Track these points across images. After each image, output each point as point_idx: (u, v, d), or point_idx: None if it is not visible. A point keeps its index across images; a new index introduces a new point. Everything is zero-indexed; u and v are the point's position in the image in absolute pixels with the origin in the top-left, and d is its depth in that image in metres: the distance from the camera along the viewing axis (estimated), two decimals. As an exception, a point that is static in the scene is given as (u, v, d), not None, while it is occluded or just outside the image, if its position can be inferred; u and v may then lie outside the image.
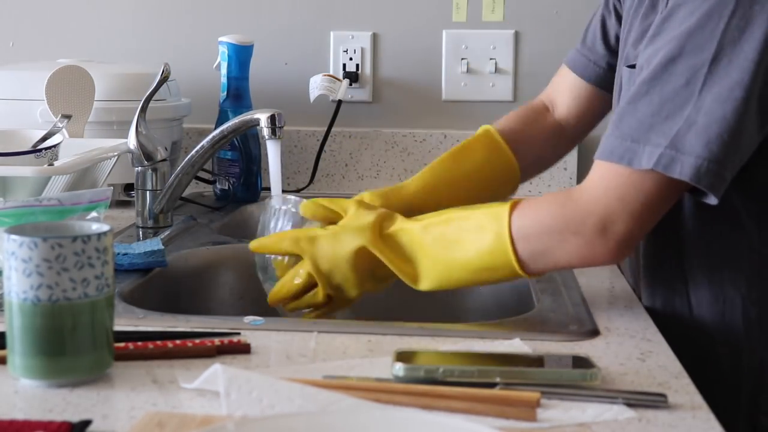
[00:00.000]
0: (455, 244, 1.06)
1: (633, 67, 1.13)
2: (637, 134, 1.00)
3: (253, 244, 1.15)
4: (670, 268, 1.14)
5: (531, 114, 1.39)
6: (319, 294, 1.12)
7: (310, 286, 1.12)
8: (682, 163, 0.97)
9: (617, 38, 1.30)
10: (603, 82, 1.34)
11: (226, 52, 1.78)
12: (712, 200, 1.00)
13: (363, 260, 1.09)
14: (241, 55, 1.79)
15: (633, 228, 1.01)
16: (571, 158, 1.90)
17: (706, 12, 0.99)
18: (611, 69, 1.30)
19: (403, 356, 0.87)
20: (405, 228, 1.09)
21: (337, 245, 1.09)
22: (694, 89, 0.99)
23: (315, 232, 1.11)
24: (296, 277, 1.12)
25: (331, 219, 1.14)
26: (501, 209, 1.05)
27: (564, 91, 1.39)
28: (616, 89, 1.23)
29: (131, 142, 1.53)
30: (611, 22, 1.33)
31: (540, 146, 1.37)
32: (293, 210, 1.17)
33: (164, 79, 1.51)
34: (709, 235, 1.11)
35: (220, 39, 1.80)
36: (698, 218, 1.11)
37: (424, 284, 1.08)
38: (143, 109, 1.52)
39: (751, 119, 0.99)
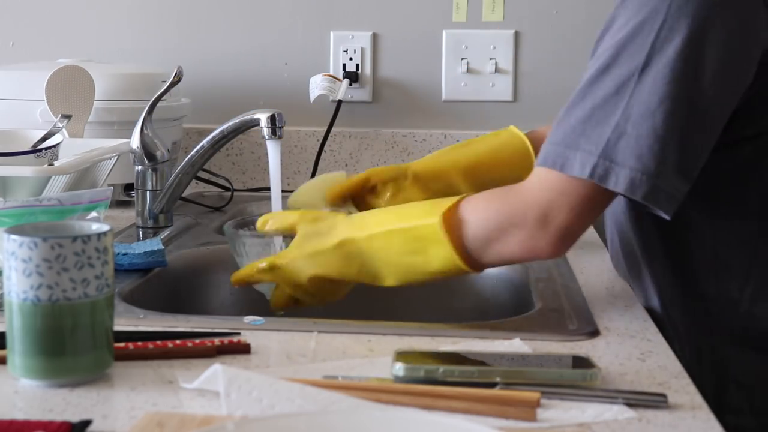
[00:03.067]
0: (403, 253, 1.06)
1: None
2: (569, 140, 1.01)
3: (234, 279, 1.16)
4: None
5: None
6: (281, 298, 1.14)
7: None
8: (617, 174, 0.98)
9: None
10: None
11: None
12: (663, 215, 1.00)
13: (321, 282, 1.10)
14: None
15: (573, 222, 1.01)
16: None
17: (639, 23, 1.00)
18: None
19: (403, 356, 0.87)
20: (350, 238, 1.08)
21: (293, 276, 1.11)
22: (622, 97, 0.99)
23: (275, 262, 1.11)
24: (261, 270, 1.13)
25: (288, 232, 1.15)
26: (437, 208, 1.05)
27: None
28: None
29: (135, 142, 1.53)
30: None
31: None
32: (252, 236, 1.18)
33: (176, 81, 1.51)
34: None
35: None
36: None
37: (389, 282, 1.09)
38: (150, 110, 1.52)
39: (695, 131, 0.99)
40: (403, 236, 1.06)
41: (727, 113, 1.02)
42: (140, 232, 1.53)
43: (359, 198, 1.31)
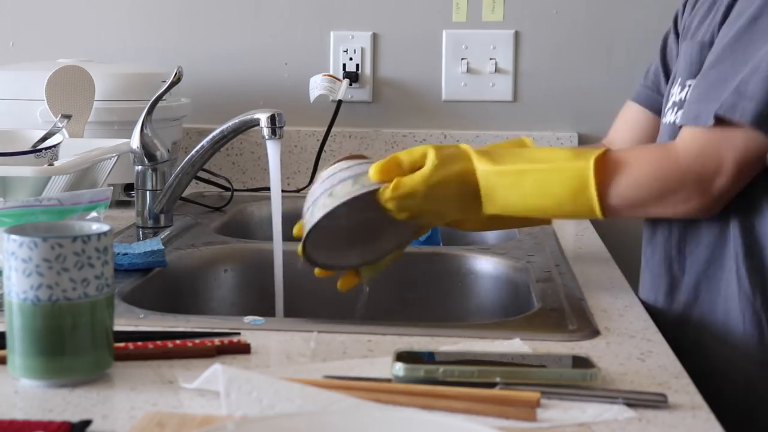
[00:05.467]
0: (537, 193, 1.08)
1: (697, 41, 1.17)
2: (716, 94, 1.04)
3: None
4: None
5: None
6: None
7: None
8: (743, 108, 1.01)
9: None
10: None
11: None
12: None
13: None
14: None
15: (729, 183, 1.05)
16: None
17: None
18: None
19: (403, 356, 0.87)
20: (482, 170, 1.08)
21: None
22: (761, 45, 1.03)
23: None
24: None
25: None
26: (587, 163, 1.06)
27: (626, 123, 1.42)
28: (674, 72, 1.25)
29: (135, 142, 1.53)
30: (672, 60, 1.35)
31: None
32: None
33: (176, 81, 1.51)
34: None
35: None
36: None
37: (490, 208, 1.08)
38: (150, 110, 1.52)
39: None
40: (547, 172, 1.08)
41: None
42: (140, 232, 1.53)
43: None
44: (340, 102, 1.90)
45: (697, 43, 1.17)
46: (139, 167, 1.54)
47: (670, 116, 1.19)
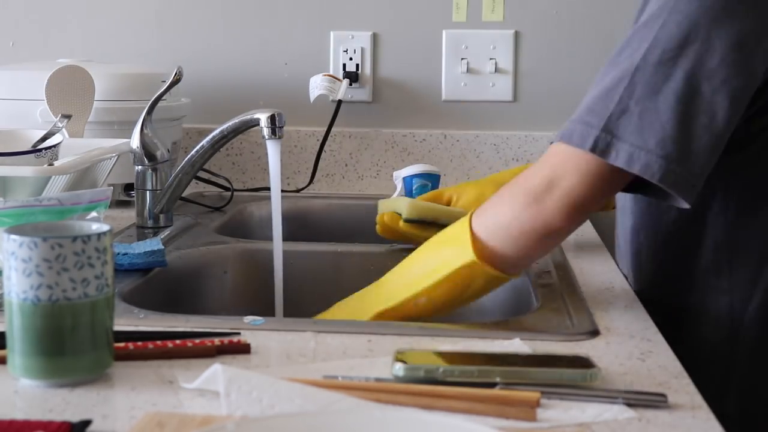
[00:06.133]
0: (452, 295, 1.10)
1: None
2: (580, 115, 1.03)
3: None
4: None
5: None
6: None
7: None
8: (618, 149, 0.99)
9: None
10: None
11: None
12: (682, 204, 1.00)
13: None
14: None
15: (579, 189, 1.02)
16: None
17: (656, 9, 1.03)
18: None
19: (403, 356, 0.87)
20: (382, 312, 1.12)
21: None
22: (627, 77, 1.01)
23: None
24: None
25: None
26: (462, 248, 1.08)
27: None
28: None
29: (135, 142, 1.53)
30: None
31: None
32: None
33: (176, 81, 1.51)
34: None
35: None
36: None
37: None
38: (150, 110, 1.52)
39: (700, 115, 1.00)
40: (447, 284, 1.09)
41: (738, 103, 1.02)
42: (140, 232, 1.52)
43: None
44: (340, 102, 1.90)
45: None
46: (139, 167, 1.54)
47: None
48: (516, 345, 0.96)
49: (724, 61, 0.98)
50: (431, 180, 1.65)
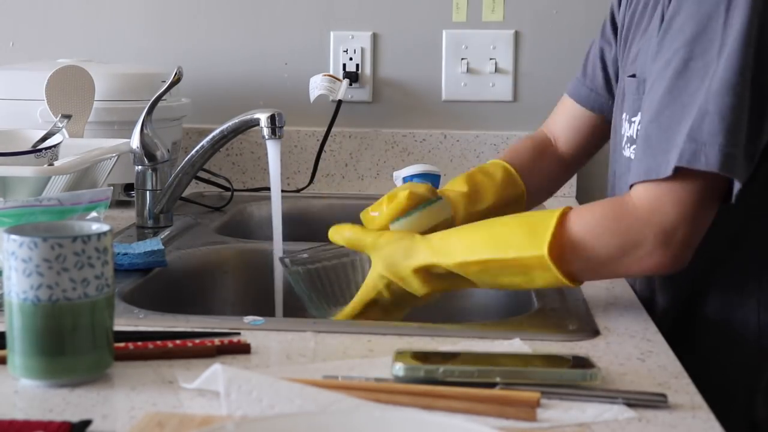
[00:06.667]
0: (503, 276, 1.06)
1: (634, 76, 1.17)
2: (667, 145, 1.01)
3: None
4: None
5: (538, 146, 1.41)
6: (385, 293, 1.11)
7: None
8: (707, 154, 0.98)
9: (616, 65, 1.34)
10: (604, 110, 1.37)
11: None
12: (732, 196, 1.00)
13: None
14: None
15: (691, 230, 1.01)
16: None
17: (705, 14, 1.02)
18: (611, 97, 1.34)
19: (403, 356, 0.87)
20: (434, 264, 1.07)
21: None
22: (705, 84, 1.00)
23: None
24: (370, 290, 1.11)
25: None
26: (539, 237, 1.03)
27: (565, 122, 1.41)
28: (619, 100, 1.25)
29: (135, 142, 1.53)
30: (610, 53, 1.36)
31: (546, 178, 1.39)
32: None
33: (176, 81, 1.51)
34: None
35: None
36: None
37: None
38: (150, 110, 1.52)
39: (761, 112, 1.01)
40: (502, 265, 1.05)
41: None
42: (140, 232, 1.52)
43: None
44: (340, 102, 1.90)
45: (635, 81, 1.17)
46: (139, 167, 1.54)
47: (626, 152, 1.19)
48: (516, 345, 0.96)
49: None
50: (431, 180, 1.65)
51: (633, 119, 1.16)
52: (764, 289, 1.12)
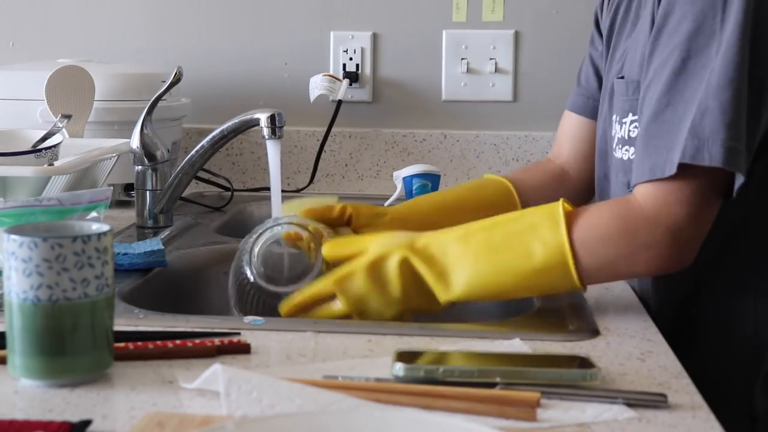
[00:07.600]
0: (502, 250, 1.04)
1: (623, 77, 1.18)
2: (670, 143, 1.01)
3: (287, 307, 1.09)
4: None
5: (537, 164, 1.43)
6: (336, 311, 1.07)
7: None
8: (710, 150, 0.98)
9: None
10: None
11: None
12: (734, 188, 1.01)
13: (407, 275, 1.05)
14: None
15: (697, 231, 1.02)
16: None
17: (701, 12, 1.02)
18: None
19: (403, 356, 0.87)
20: (436, 240, 1.05)
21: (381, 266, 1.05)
22: (704, 81, 1.01)
23: (350, 269, 1.06)
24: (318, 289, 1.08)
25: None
26: (556, 216, 1.03)
27: (566, 135, 1.42)
28: (606, 102, 1.26)
29: (135, 142, 1.53)
30: (599, 59, 1.37)
31: (542, 188, 1.38)
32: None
33: (176, 81, 1.51)
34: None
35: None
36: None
37: (455, 291, 1.05)
38: (150, 110, 1.52)
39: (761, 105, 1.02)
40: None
41: None
42: (140, 232, 1.52)
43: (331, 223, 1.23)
44: (340, 102, 1.90)
45: (623, 82, 1.17)
46: (139, 167, 1.54)
47: (618, 153, 1.18)
48: (516, 345, 0.96)
49: None
50: (431, 180, 1.65)
51: (624, 120, 1.16)
52: (760, 284, 1.12)
